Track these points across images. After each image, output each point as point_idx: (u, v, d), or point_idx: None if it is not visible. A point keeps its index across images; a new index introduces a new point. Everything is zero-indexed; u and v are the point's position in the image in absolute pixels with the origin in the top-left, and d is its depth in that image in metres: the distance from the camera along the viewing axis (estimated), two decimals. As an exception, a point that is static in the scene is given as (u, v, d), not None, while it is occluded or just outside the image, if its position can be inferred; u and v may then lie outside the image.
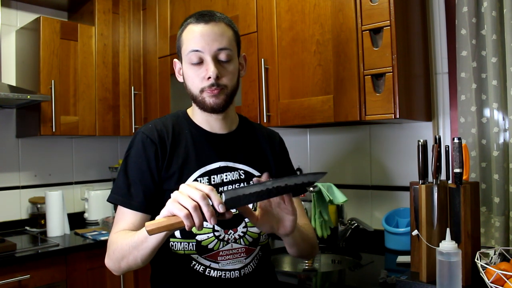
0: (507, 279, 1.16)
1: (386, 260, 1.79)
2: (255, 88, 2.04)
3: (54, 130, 2.41)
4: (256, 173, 1.18)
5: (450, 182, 1.40)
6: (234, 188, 0.90)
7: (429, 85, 1.91)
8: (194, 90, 1.13)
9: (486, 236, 1.69)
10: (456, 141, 1.34)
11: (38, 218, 2.56)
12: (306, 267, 1.91)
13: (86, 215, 2.77)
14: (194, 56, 1.10)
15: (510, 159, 1.61)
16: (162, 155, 1.12)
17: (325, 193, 1.90)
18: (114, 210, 2.64)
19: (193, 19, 1.12)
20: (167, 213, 0.87)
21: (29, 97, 2.22)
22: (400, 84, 1.62)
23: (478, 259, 1.25)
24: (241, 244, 1.14)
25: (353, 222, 1.95)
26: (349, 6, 1.72)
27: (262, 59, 1.98)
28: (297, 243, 1.12)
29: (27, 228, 2.57)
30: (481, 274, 1.22)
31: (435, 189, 1.34)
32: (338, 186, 1.97)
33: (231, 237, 1.13)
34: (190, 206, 0.84)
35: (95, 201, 2.75)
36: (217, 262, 1.11)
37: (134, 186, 1.10)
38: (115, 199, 1.11)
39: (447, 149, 1.43)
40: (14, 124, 2.62)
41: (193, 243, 1.10)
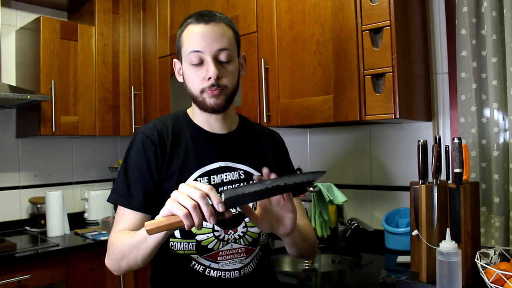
0: (507, 279, 1.16)
1: (386, 260, 1.79)
2: (255, 88, 2.04)
3: (54, 130, 2.41)
4: (256, 173, 1.18)
5: (450, 182, 1.40)
6: (233, 187, 0.90)
7: (429, 85, 1.91)
8: (195, 91, 1.13)
9: (486, 236, 1.69)
10: (456, 141, 1.34)
11: (38, 218, 2.56)
12: (306, 267, 1.91)
13: (86, 215, 2.77)
14: (194, 56, 1.10)
15: (510, 159, 1.61)
16: (162, 155, 1.12)
17: (325, 193, 1.90)
18: (114, 210, 2.64)
19: (193, 19, 1.12)
20: (167, 212, 0.87)
21: (29, 97, 2.22)
22: (400, 84, 1.62)
23: (478, 259, 1.25)
24: (241, 244, 1.14)
25: (353, 222, 1.95)
26: (349, 6, 1.72)
27: (262, 59, 1.98)
28: (296, 243, 1.12)
29: (27, 228, 2.58)
30: (481, 274, 1.22)
31: (435, 189, 1.34)
32: (338, 186, 1.97)
33: (231, 237, 1.12)
34: (190, 205, 0.84)
35: (95, 201, 2.75)
36: (217, 262, 1.11)
37: (134, 186, 1.10)
38: (115, 199, 1.11)
39: (447, 149, 1.43)
40: (14, 124, 2.62)
41: (193, 243, 1.10)
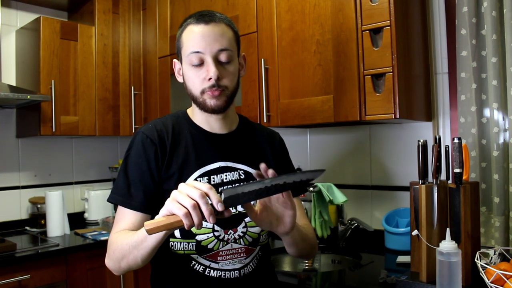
0: (507, 279, 1.16)
1: (386, 260, 1.79)
2: (255, 88, 2.04)
3: (54, 130, 2.41)
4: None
5: (450, 182, 1.40)
6: (233, 186, 0.90)
7: (429, 85, 1.91)
8: (195, 91, 1.12)
9: (486, 236, 1.69)
10: (456, 141, 1.34)
11: (38, 218, 2.56)
12: (306, 267, 1.91)
13: (86, 215, 2.77)
14: (194, 57, 1.09)
15: (510, 159, 1.61)
16: (162, 155, 1.12)
17: (325, 193, 1.90)
18: (114, 210, 2.64)
19: (193, 20, 1.12)
20: (166, 212, 0.87)
21: (29, 97, 2.22)
22: (400, 84, 1.62)
23: (478, 259, 1.25)
24: (241, 244, 1.14)
25: (353, 222, 1.95)
26: (349, 6, 1.72)
27: (262, 59, 1.98)
28: (296, 243, 1.12)
29: (27, 228, 2.58)
30: (481, 274, 1.22)
31: (435, 189, 1.34)
32: (338, 186, 1.97)
33: (231, 237, 1.12)
34: (189, 205, 0.84)
35: (95, 201, 2.75)
36: (217, 262, 1.11)
37: (134, 186, 1.10)
38: (115, 199, 1.11)
39: (447, 149, 1.43)
40: (14, 124, 2.62)
41: (193, 243, 1.10)
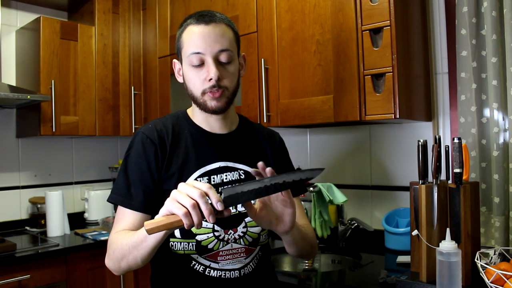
0: (507, 279, 1.15)
1: (386, 260, 1.79)
2: (255, 88, 2.04)
3: (54, 130, 2.41)
4: (256, 173, 1.18)
5: (450, 182, 1.40)
6: (232, 186, 0.90)
7: (429, 85, 1.91)
8: (195, 92, 1.12)
9: (486, 236, 1.69)
10: (456, 141, 1.34)
11: (38, 218, 2.56)
12: (306, 267, 1.91)
13: (86, 215, 2.77)
14: (195, 58, 1.09)
15: (510, 159, 1.61)
16: (162, 155, 1.12)
17: (325, 193, 1.90)
18: (114, 210, 2.64)
19: (193, 20, 1.11)
20: (166, 212, 0.87)
21: (29, 97, 2.22)
22: (400, 84, 1.62)
23: (478, 259, 1.25)
24: (241, 244, 1.14)
25: (353, 222, 1.95)
26: (349, 6, 1.72)
27: (262, 59, 1.98)
28: (296, 242, 1.12)
29: (27, 228, 2.58)
30: (481, 274, 1.22)
31: (435, 189, 1.34)
32: (338, 186, 1.97)
33: (231, 237, 1.12)
34: (189, 204, 0.84)
35: (95, 201, 2.75)
36: (217, 262, 1.11)
37: (134, 186, 1.10)
38: (115, 199, 1.11)
39: (447, 149, 1.42)
40: (14, 124, 2.62)
41: (193, 243, 1.10)
